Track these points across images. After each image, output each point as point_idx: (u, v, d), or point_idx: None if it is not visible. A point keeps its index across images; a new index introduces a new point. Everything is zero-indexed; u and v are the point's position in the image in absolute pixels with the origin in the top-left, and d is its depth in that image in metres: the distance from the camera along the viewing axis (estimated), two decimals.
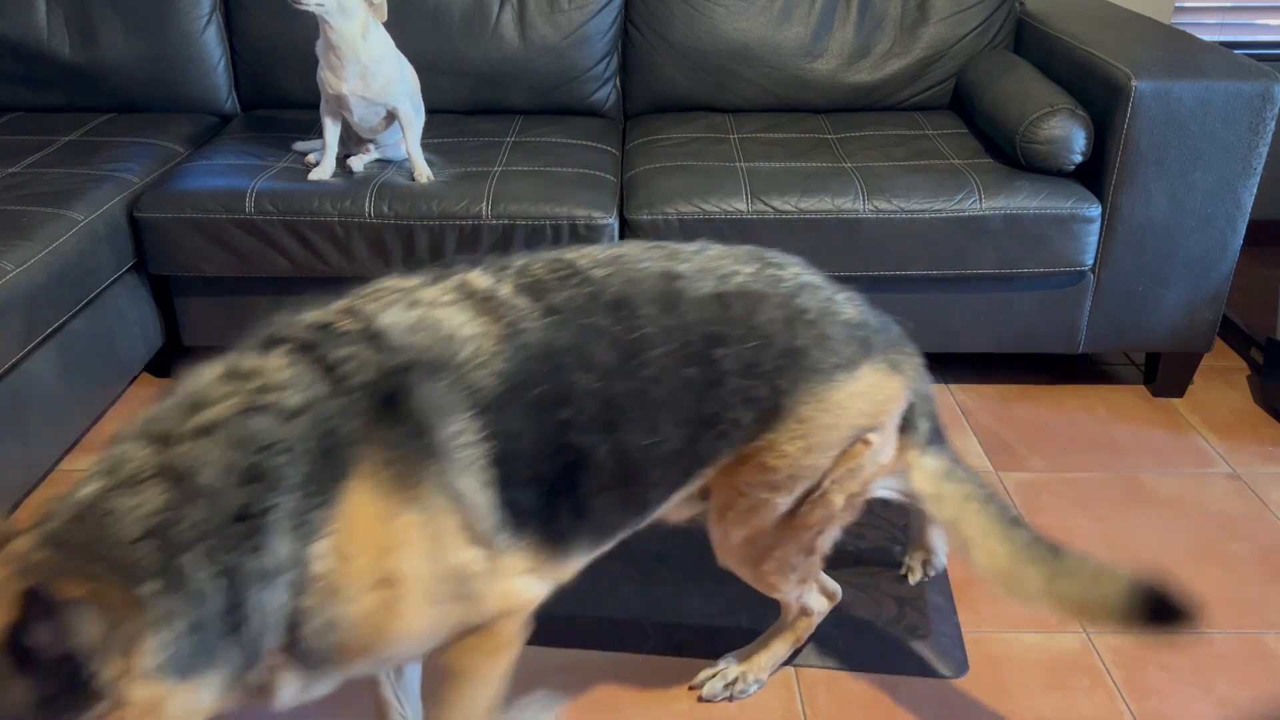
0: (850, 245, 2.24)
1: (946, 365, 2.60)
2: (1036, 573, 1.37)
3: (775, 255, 1.37)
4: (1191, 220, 2.25)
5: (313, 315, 1.17)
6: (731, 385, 1.24)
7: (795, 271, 1.35)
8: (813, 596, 1.61)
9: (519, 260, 1.24)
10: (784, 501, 1.35)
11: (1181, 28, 2.94)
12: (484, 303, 1.15)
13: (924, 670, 1.70)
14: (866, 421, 1.33)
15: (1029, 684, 1.68)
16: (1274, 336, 2.41)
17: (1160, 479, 2.19)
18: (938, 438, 1.47)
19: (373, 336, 1.09)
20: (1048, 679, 1.69)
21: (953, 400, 2.46)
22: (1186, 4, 3.09)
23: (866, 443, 1.34)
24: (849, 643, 1.74)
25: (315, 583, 0.98)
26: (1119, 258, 2.29)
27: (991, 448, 2.28)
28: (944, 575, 1.89)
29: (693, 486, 1.34)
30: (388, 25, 2.28)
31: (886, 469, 1.40)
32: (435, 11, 2.65)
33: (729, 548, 1.44)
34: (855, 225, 2.22)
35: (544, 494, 1.14)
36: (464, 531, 1.07)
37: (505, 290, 1.17)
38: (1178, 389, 2.48)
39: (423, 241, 2.21)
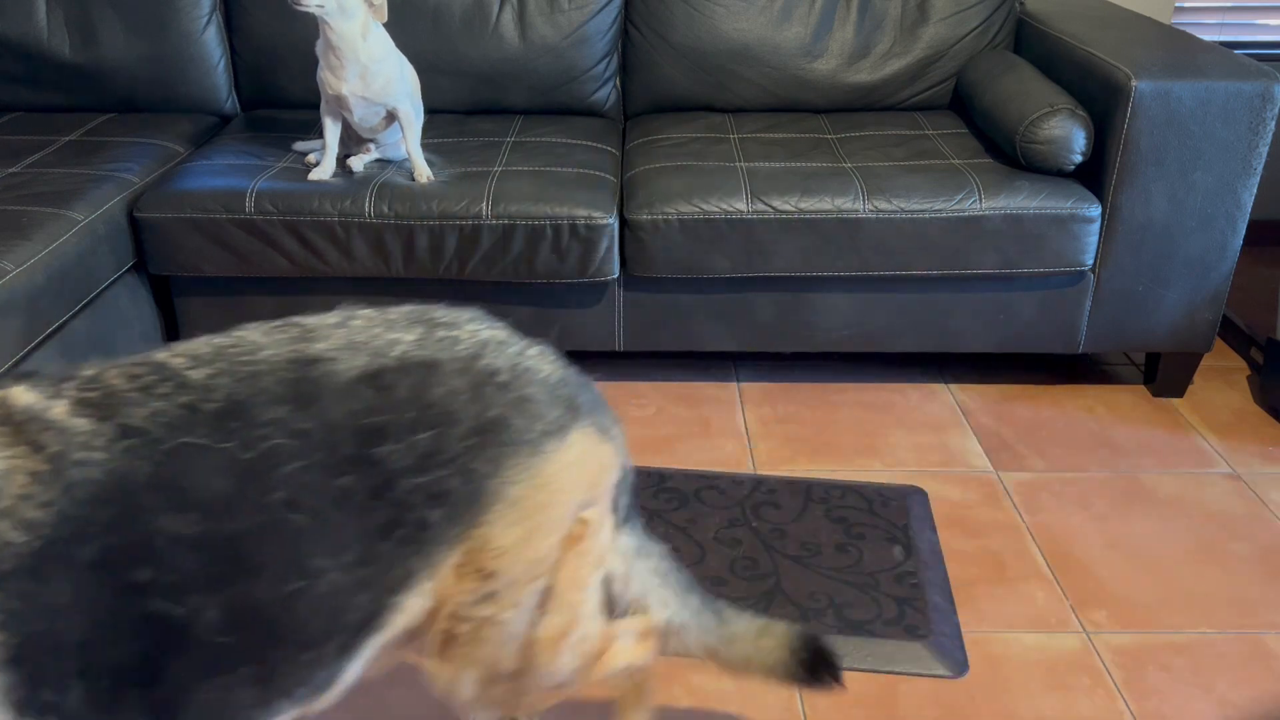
0: (850, 245, 2.24)
1: (946, 365, 2.61)
2: (708, 640, 1.30)
3: (444, 312, 1.15)
4: (1191, 220, 2.26)
5: None
6: (407, 486, 0.98)
7: (473, 329, 1.13)
8: (619, 656, 1.30)
9: (88, 369, 0.95)
10: (516, 616, 1.10)
11: (1181, 28, 2.94)
12: (20, 429, 0.83)
13: (924, 670, 1.70)
14: (583, 495, 1.11)
15: (1029, 684, 1.68)
16: (1274, 336, 2.42)
17: (1160, 479, 2.19)
18: (633, 514, 1.28)
19: None
20: (1048, 679, 1.69)
21: (953, 400, 2.46)
22: (1186, 4, 3.09)
23: (584, 521, 1.13)
24: (849, 643, 1.74)
25: None
26: (1119, 258, 2.29)
27: (991, 448, 2.28)
28: (944, 575, 1.89)
29: (392, 628, 1.04)
30: (388, 25, 2.28)
31: (608, 551, 1.19)
32: (435, 11, 2.65)
33: (467, 695, 1.14)
34: (855, 225, 2.22)
35: (107, 693, 0.83)
36: None
37: (58, 410, 0.86)
38: (1178, 389, 2.48)
39: (423, 241, 2.21)
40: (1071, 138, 2.22)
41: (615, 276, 2.27)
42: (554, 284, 2.30)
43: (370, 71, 2.20)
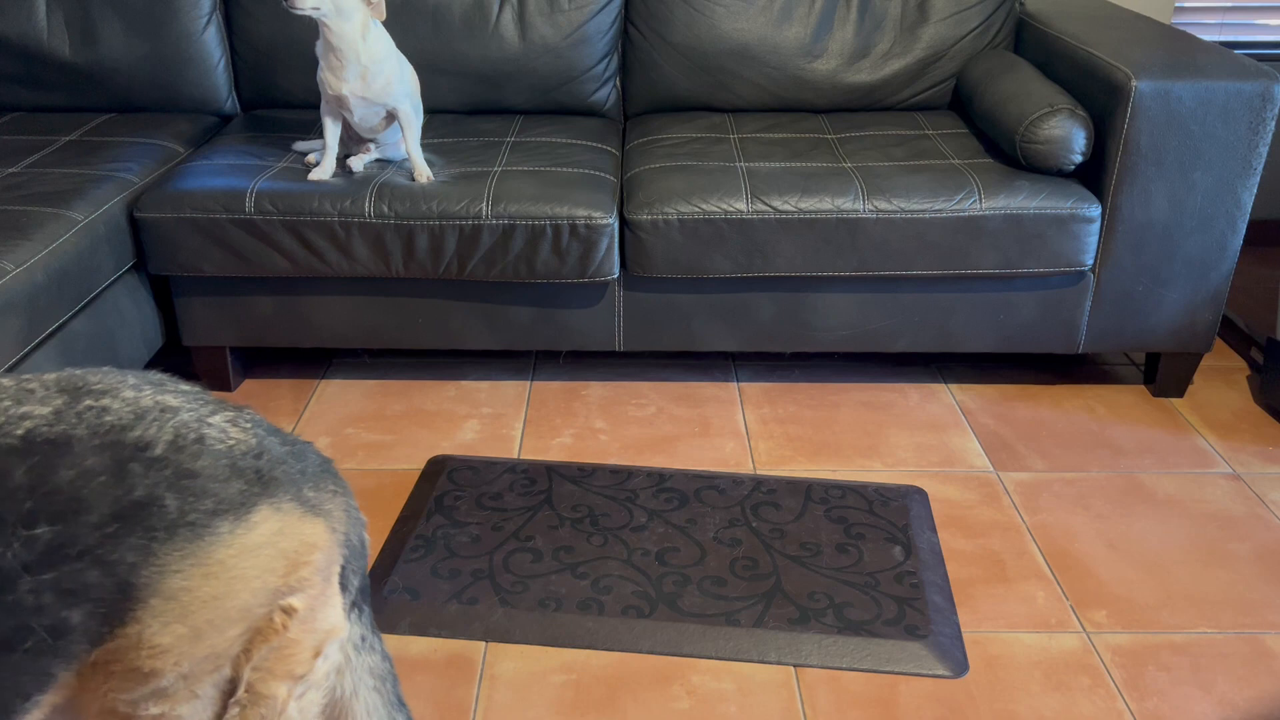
0: (850, 245, 2.24)
1: (946, 365, 2.61)
2: None
3: (101, 377, 0.99)
4: (1191, 220, 2.26)
5: None
6: (29, 584, 0.87)
7: (133, 395, 0.96)
8: None
9: None
10: (198, 709, 0.98)
11: (1181, 28, 2.94)
12: None
13: (924, 670, 1.70)
14: (278, 582, 0.97)
15: (1029, 684, 1.68)
16: (1274, 336, 2.42)
17: (1160, 479, 2.19)
18: (364, 599, 1.16)
19: None
20: (1048, 679, 1.69)
21: (953, 400, 2.46)
22: (1186, 4, 3.09)
23: (289, 611, 0.99)
24: (849, 643, 1.74)
25: None
26: (1119, 258, 2.29)
27: (991, 448, 2.28)
28: (944, 575, 1.89)
29: None
30: (388, 25, 2.29)
31: (335, 634, 1.06)
32: (435, 11, 2.65)
33: None
34: (855, 225, 2.22)
35: None
36: None
37: None
38: (1178, 389, 2.48)
39: (423, 241, 2.21)
40: (1071, 138, 2.22)
41: (615, 276, 2.27)
42: (554, 284, 2.30)
43: (370, 72, 2.20)
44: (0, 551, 0.85)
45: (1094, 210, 2.23)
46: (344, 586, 1.06)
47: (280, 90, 2.73)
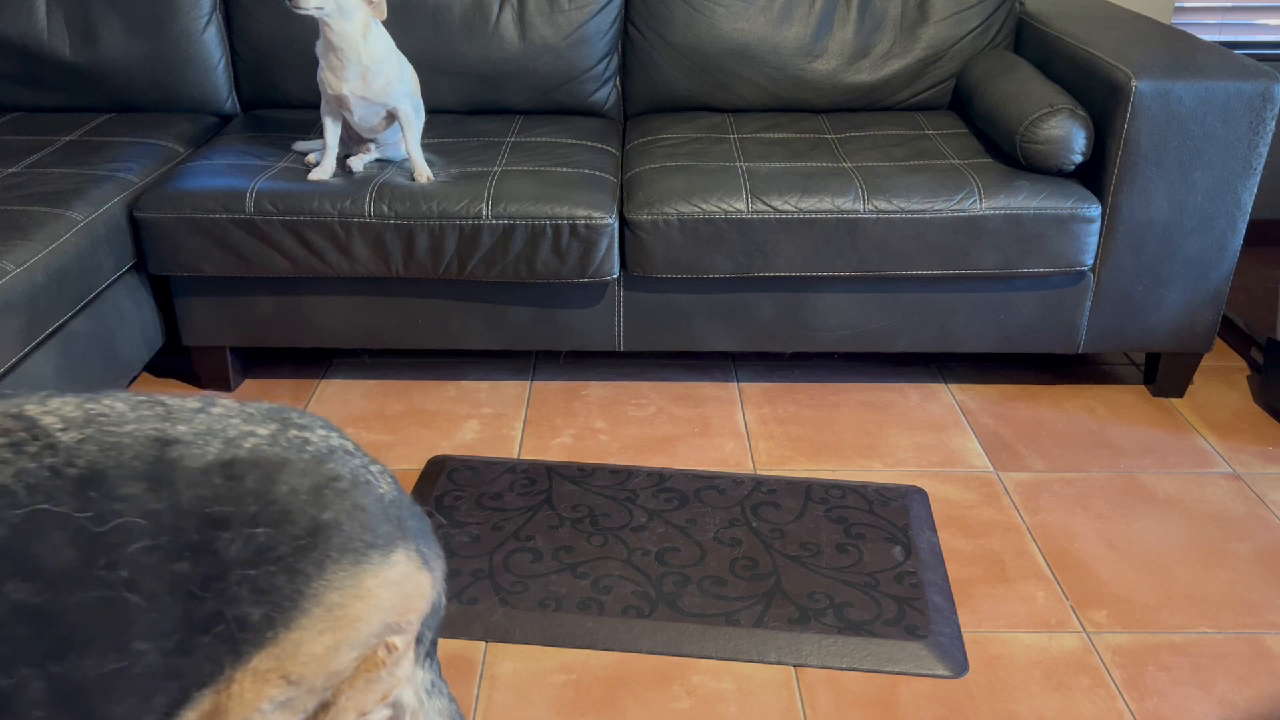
0: (850, 245, 2.24)
1: (946, 365, 2.61)
2: None
3: (299, 414, 1.13)
4: (1191, 220, 2.26)
5: None
6: (236, 577, 0.97)
7: (325, 434, 1.12)
8: None
9: None
10: None
11: (1181, 28, 2.94)
12: None
13: (924, 670, 1.70)
14: (395, 619, 1.07)
15: (1029, 684, 1.68)
16: (1274, 336, 2.42)
17: (1160, 479, 2.19)
18: (434, 651, 1.25)
19: None
20: (1048, 679, 1.69)
21: (953, 400, 2.46)
22: (1186, 4, 3.09)
23: (390, 648, 1.08)
24: (849, 643, 1.74)
25: None
26: (1119, 258, 2.29)
27: (991, 448, 2.28)
28: (944, 575, 1.90)
29: None
30: (388, 25, 2.29)
31: (401, 684, 1.14)
32: (435, 11, 2.65)
33: None
34: (855, 225, 2.22)
35: None
36: None
37: None
38: (1178, 389, 2.48)
39: (423, 241, 2.21)
40: (1071, 138, 2.22)
41: (615, 276, 2.27)
42: (554, 284, 2.30)
43: (370, 71, 2.20)
44: (227, 541, 0.95)
45: (1094, 210, 2.23)
46: (419, 639, 1.15)
47: (280, 90, 2.73)
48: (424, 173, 2.27)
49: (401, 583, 1.07)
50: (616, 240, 2.24)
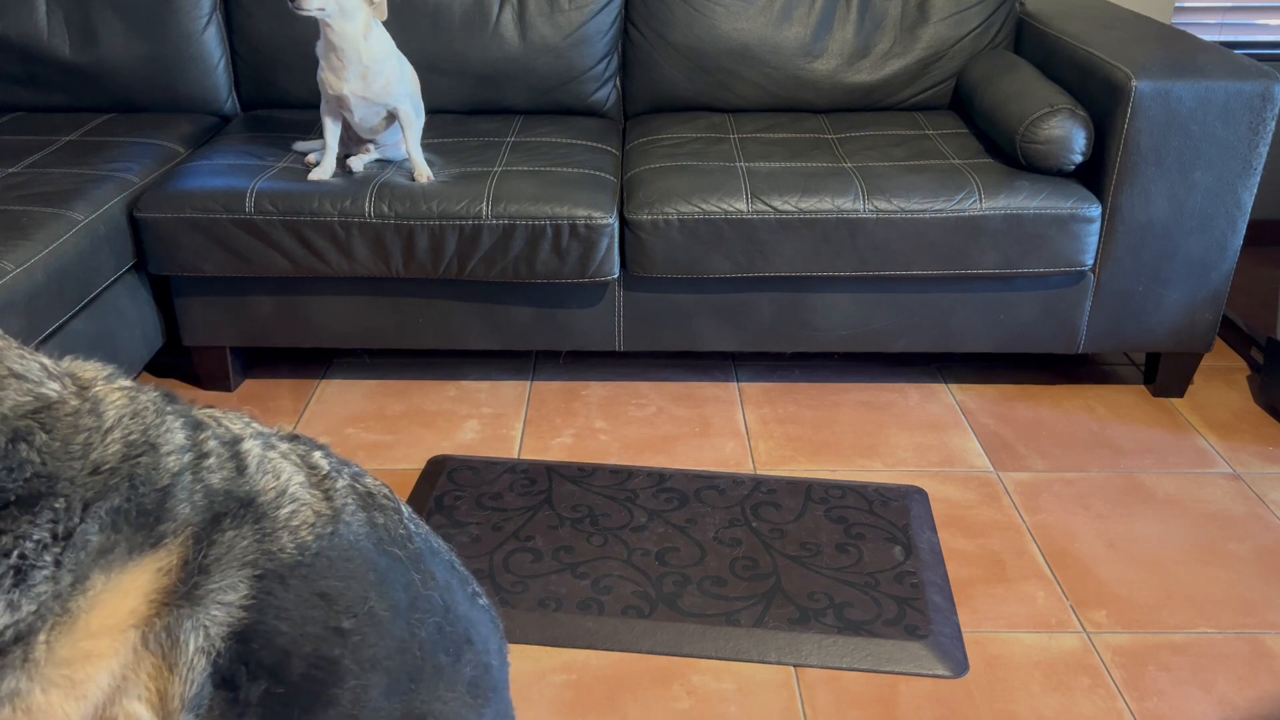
0: (850, 245, 2.24)
1: (946, 365, 2.61)
2: None
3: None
4: (1191, 220, 2.26)
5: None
6: None
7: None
8: None
9: (355, 467, 1.15)
10: None
11: (1181, 28, 2.94)
12: (321, 480, 1.05)
13: (924, 670, 1.70)
14: None
15: (1029, 684, 1.68)
16: (1274, 336, 2.42)
17: (1160, 479, 2.19)
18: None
19: (236, 453, 1.00)
20: (1048, 679, 1.69)
21: (953, 400, 2.46)
22: (1186, 4, 3.09)
23: None
24: (849, 643, 1.74)
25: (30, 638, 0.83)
26: (1119, 258, 2.29)
27: (991, 448, 2.28)
28: (944, 575, 1.89)
29: None
30: (388, 25, 2.29)
31: None
32: (435, 11, 2.65)
33: None
34: (855, 225, 2.22)
35: (279, 701, 0.94)
36: (151, 683, 0.89)
37: (341, 484, 1.07)
38: (1178, 389, 2.48)
39: (423, 241, 2.21)
40: (1071, 138, 2.22)
41: (615, 276, 2.27)
42: (554, 284, 2.30)
43: (371, 72, 2.20)
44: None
45: (1094, 210, 2.23)
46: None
47: (280, 90, 2.73)
48: (424, 173, 2.27)
49: None
50: (616, 240, 2.24)
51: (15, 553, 0.80)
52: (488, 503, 2.07)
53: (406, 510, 1.14)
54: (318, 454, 1.09)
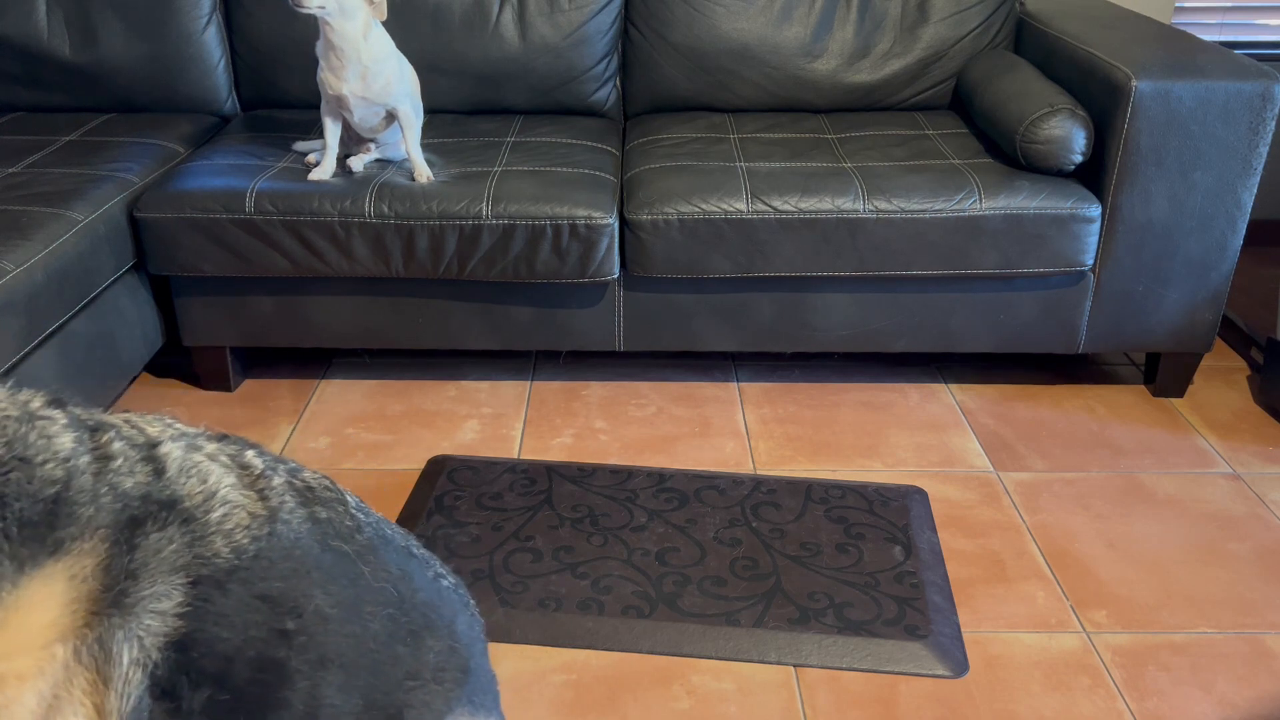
0: (850, 245, 2.24)
1: (946, 365, 2.61)
2: None
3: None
4: (1191, 220, 2.26)
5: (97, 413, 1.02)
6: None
7: None
8: None
9: (291, 463, 1.12)
10: None
11: (1181, 28, 2.94)
12: (254, 480, 1.03)
13: (924, 670, 1.70)
14: None
15: (1029, 684, 1.68)
16: (1274, 336, 2.41)
17: (1160, 479, 2.19)
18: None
19: (151, 456, 0.97)
20: (1048, 679, 1.69)
21: (953, 400, 2.46)
22: (1186, 4, 3.09)
23: None
24: (849, 643, 1.74)
25: None
26: (1119, 258, 2.29)
27: (991, 448, 2.28)
28: (944, 575, 1.89)
29: None
30: (388, 25, 2.29)
31: None
32: (435, 11, 2.65)
33: None
34: (855, 225, 2.22)
35: (225, 707, 0.93)
36: (86, 699, 0.87)
37: (277, 482, 1.05)
38: (1178, 389, 2.48)
39: (423, 241, 2.21)
40: (1071, 138, 2.22)
41: (615, 276, 2.27)
42: (554, 284, 2.30)
43: (371, 71, 2.20)
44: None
45: (1094, 210, 2.23)
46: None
47: (280, 90, 2.73)
48: (424, 173, 2.27)
49: None
50: (616, 240, 2.24)
51: None
52: (488, 503, 2.07)
53: (353, 500, 1.13)
54: (250, 453, 1.06)
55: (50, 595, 0.84)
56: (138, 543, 0.89)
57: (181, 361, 2.58)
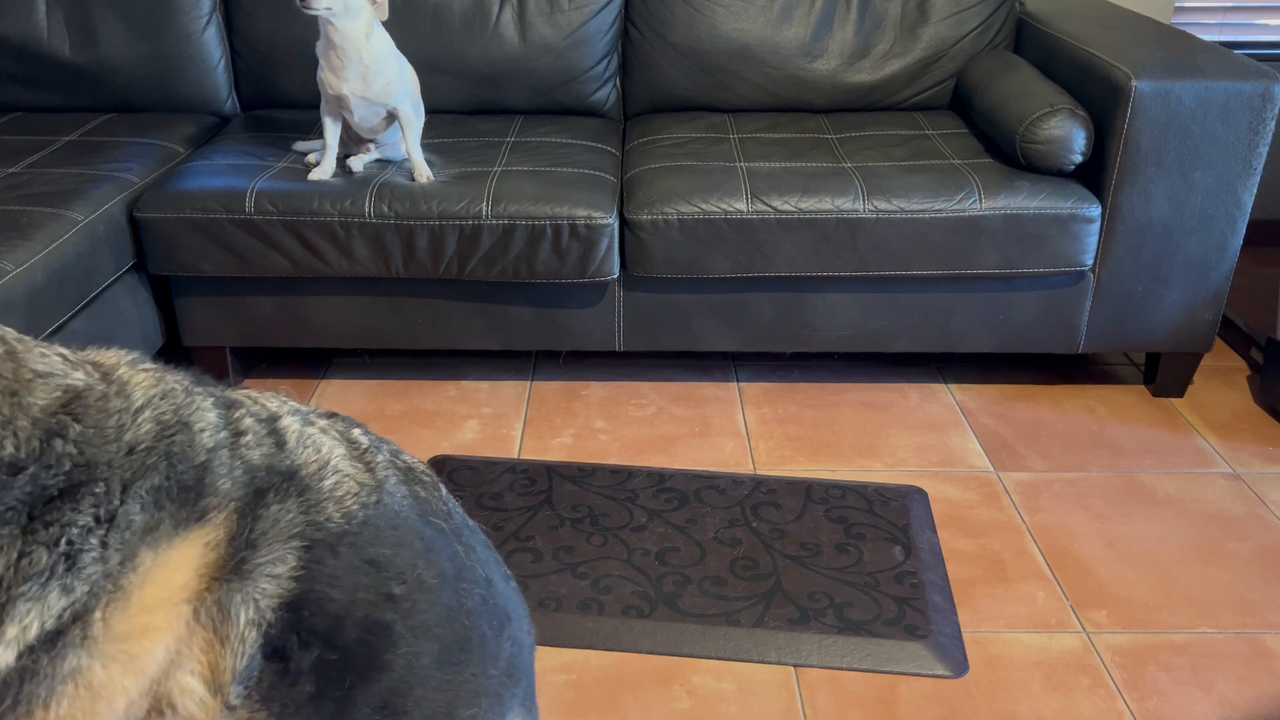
0: (850, 245, 2.24)
1: (946, 365, 2.61)
2: None
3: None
4: (1191, 220, 2.26)
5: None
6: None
7: None
8: None
9: (391, 444, 1.16)
10: None
11: (1181, 28, 2.94)
12: (362, 454, 1.08)
13: (924, 670, 1.70)
14: None
15: (1029, 684, 1.68)
16: (1274, 336, 2.42)
17: (1160, 479, 2.19)
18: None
19: (274, 430, 1.03)
20: (1048, 679, 1.69)
21: (953, 400, 2.46)
22: (1186, 4, 3.09)
23: None
24: (849, 643, 1.74)
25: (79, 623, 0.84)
26: (1119, 258, 2.29)
27: (991, 448, 2.28)
28: (944, 575, 1.89)
29: None
30: (388, 25, 2.29)
31: None
32: (435, 11, 2.65)
33: None
34: (855, 225, 2.22)
35: (333, 666, 0.96)
36: (203, 656, 0.91)
37: (381, 458, 1.09)
38: (1178, 389, 2.48)
39: (423, 241, 2.21)
40: (1071, 138, 2.22)
41: (615, 276, 2.27)
42: (554, 284, 2.30)
43: (371, 71, 2.20)
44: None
45: (1094, 210, 2.23)
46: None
47: (280, 90, 2.73)
48: (424, 173, 2.27)
49: None
50: (616, 240, 2.24)
51: (63, 540, 0.82)
52: (488, 503, 2.07)
53: (444, 489, 1.17)
54: (356, 430, 1.11)
55: (188, 559, 0.89)
56: (260, 514, 0.94)
57: (182, 362, 2.58)
